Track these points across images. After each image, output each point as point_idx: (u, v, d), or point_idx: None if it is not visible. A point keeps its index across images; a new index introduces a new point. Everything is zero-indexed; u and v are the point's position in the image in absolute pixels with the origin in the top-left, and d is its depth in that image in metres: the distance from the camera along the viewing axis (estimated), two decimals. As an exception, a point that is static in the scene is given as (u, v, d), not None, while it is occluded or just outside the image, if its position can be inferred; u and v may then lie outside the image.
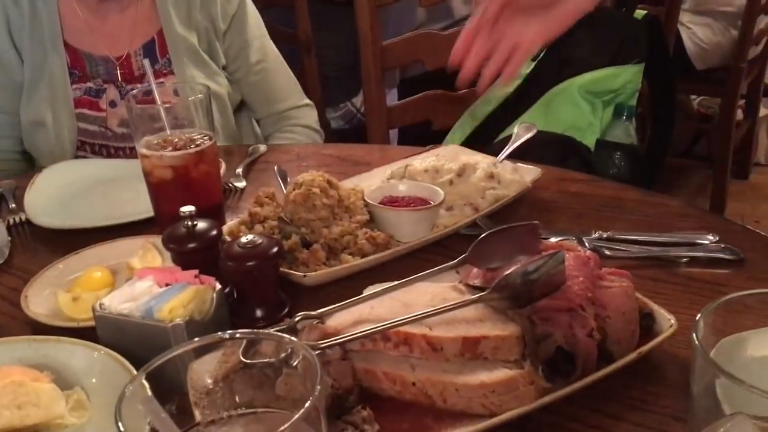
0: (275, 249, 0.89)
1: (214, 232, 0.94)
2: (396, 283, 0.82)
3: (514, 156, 1.23)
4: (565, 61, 1.59)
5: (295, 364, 0.55)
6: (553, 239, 0.98)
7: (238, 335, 0.55)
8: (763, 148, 3.64)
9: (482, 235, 0.84)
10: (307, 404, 0.46)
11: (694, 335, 0.54)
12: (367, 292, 0.82)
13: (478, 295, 0.78)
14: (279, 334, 0.56)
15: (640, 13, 1.62)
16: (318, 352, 0.72)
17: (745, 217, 3.10)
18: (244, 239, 0.89)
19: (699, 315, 0.55)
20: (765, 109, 3.53)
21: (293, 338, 0.55)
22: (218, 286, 0.85)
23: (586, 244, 1.01)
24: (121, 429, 0.44)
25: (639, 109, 1.69)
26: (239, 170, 1.38)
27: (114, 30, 1.60)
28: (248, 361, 0.60)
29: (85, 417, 0.76)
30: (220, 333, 0.55)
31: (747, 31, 2.81)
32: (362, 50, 1.82)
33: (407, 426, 0.70)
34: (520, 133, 1.27)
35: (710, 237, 1.02)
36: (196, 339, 0.55)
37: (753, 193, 3.44)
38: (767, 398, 0.50)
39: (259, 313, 0.90)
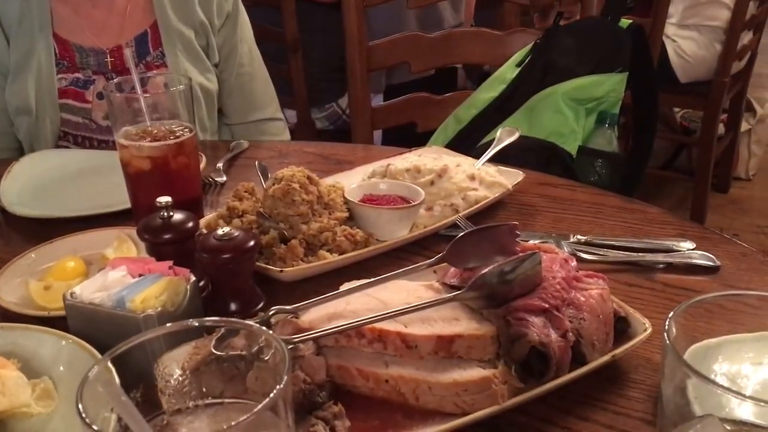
0: (251, 242, 0.88)
1: (191, 224, 0.92)
2: (372, 279, 0.82)
3: (496, 160, 1.23)
4: (550, 67, 1.60)
5: (266, 357, 0.55)
6: (531, 241, 0.98)
7: (208, 323, 0.54)
8: (744, 162, 3.68)
9: (460, 235, 0.84)
10: (273, 393, 0.45)
11: (665, 335, 0.54)
12: (343, 288, 0.82)
13: (453, 293, 0.77)
14: (249, 323, 0.55)
15: (625, 22, 1.62)
16: (291, 346, 0.71)
17: (724, 230, 3.13)
18: (220, 232, 0.88)
19: (670, 314, 0.56)
20: (746, 124, 3.57)
21: (263, 328, 0.54)
22: (192, 278, 0.84)
23: (564, 248, 1.01)
24: (81, 411, 0.43)
25: (622, 119, 1.69)
26: (220, 165, 1.37)
27: (105, 20, 1.59)
28: (219, 352, 0.59)
29: (51, 406, 0.75)
30: (190, 320, 0.54)
31: (731, 46, 2.84)
32: (348, 50, 1.82)
33: (378, 423, 0.70)
34: (502, 137, 1.27)
35: (687, 244, 1.03)
36: (167, 324, 0.54)
37: (732, 206, 3.47)
38: (740, 400, 0.50)
39: (233, 306, 0.89)
